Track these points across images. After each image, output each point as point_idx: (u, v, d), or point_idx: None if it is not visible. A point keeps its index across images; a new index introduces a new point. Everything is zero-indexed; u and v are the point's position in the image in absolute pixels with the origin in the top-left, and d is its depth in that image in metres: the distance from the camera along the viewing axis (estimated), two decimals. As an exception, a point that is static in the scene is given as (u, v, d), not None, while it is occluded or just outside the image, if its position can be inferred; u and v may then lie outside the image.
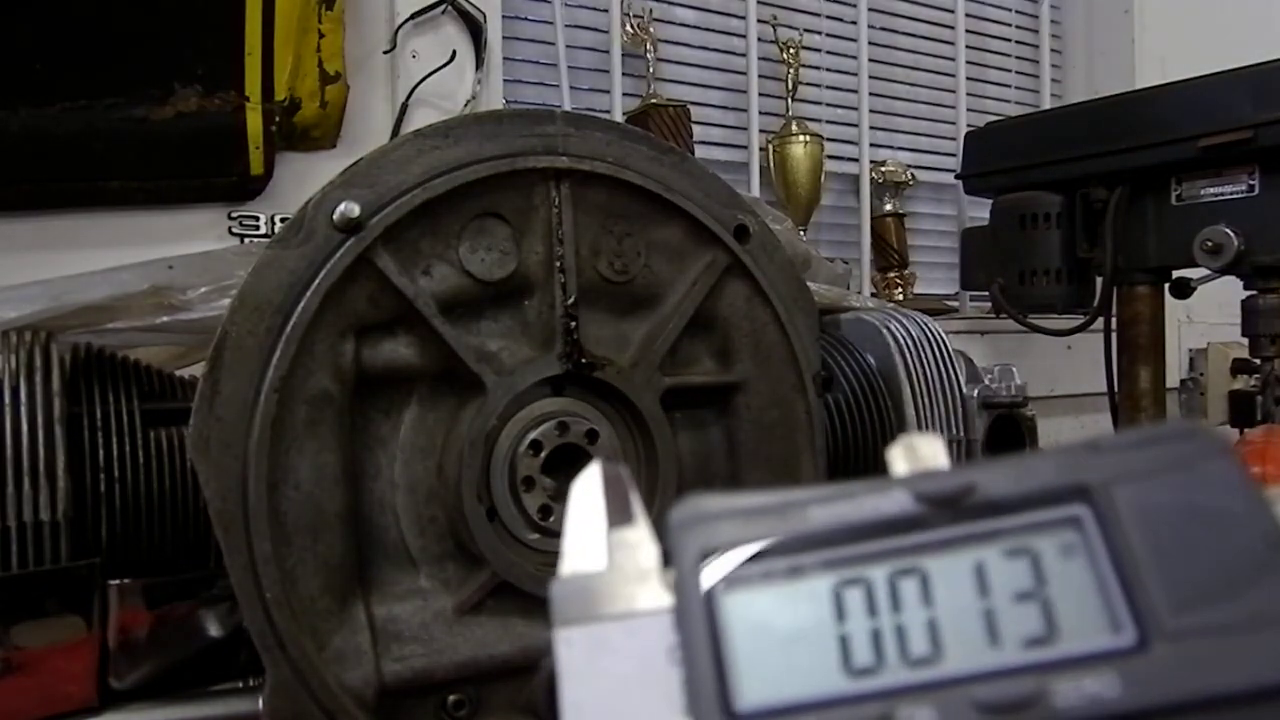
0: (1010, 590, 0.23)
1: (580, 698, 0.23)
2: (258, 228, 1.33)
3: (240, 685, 0.74)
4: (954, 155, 1.95)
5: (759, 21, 1.88)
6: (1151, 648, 0.21)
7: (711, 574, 0.24)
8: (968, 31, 2.16)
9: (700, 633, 0.23)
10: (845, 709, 0.22)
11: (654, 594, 0.25)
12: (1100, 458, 0.24)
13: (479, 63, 1.49)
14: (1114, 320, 1.44)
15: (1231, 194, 1.27)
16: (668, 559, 0.25)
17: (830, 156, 1.92)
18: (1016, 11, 2.28)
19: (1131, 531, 0.23)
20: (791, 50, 1.91)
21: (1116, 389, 1.47)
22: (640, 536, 0.26)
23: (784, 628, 0.23)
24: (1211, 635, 0.21)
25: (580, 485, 0.28)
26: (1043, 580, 0.23)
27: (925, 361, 0.98)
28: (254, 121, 1.28)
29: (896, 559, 0.23)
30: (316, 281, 0.65)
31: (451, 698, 0.69)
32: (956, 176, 1.60)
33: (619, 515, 0.27)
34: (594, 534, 0.27)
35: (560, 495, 0.70)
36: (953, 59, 2.13)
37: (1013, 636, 0.22)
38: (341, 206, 0.65)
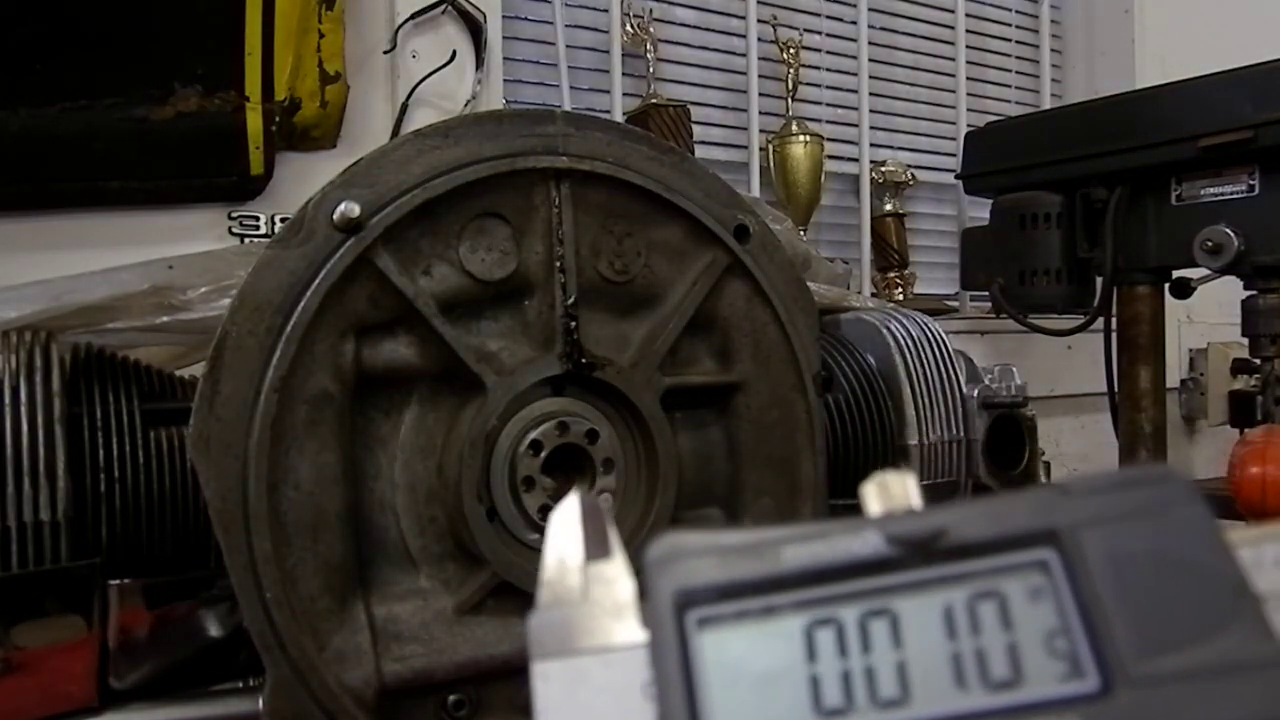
0: (978, 633, 0.23)
1: None
2: (258, 228, 1.33)
3: (240, 685, 0.74)
4: (954, 155, 1.95)
5: (759, 21, 1.87)
6: (1115, 693, 0.22)
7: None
8: (968, 31, 2.15)
9: (674, 671, 0.23)
10: None
11: (630, 628, 0.25)
12: (1069, 501, 0.24)
13: (479, 63, 1.49)
14: (1114, 320, 1.44)
15: (1231, 194, 1.27)
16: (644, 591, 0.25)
17: (830, 156, 1.92)
18: (1016, 11, 2.27)
19: (1097, 576, 0.23)
20: (791, 50, 1.91)
21: (1116, 389, 1.47)
22: (617, 571, 0.27)
23: (756, 667, 0.23)
24: (1175, 682, 0.21)
25: (558, 517, 0.28)
26: (1009, 624, 0.23)
27: (925, 361, 0.98)
28: (254, 121, 1.28)
29: (868, 600, 0.24)
30: (316, 281, 0.65)
31: (451, 698, 0.69)
32: (956, 176, 1.60)
33: (596, 549, 0.27)
34: (572, 566, 0.27)
35: (560, 495, 0.70)
36: (953, 59, 2.13)
37: (979, 680, 0.23)
38: (341, 206, 0.65)
